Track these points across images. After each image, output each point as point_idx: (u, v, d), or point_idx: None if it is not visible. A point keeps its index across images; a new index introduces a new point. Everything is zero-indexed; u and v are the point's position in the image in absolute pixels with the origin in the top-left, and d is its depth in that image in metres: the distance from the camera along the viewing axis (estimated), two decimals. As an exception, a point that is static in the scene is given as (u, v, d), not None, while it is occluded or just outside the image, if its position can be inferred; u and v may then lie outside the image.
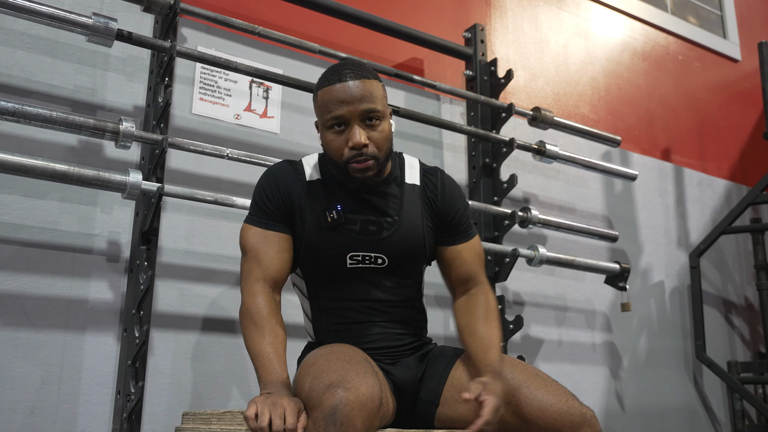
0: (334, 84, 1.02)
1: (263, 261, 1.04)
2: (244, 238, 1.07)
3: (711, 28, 2.94)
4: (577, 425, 0.95)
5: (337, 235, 1.06)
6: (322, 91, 1.04)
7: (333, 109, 1.01)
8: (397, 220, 1.09)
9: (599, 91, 2.43)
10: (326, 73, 1.06)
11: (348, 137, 1.01)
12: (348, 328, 1.08)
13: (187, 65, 1.58)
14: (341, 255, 1.06)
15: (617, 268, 2.00)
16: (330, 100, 1.02)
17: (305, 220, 1.06)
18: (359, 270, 1.07)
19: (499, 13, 2.24)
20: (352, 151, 1.01)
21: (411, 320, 1.13)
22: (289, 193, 1.07)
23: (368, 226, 1.07)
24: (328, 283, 1.09)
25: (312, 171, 1.10)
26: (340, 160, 1.03)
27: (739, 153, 2.83)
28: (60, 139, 1.39)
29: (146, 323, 1.30)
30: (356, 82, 1.02)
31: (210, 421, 1.04)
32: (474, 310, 1.11)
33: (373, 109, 1.02)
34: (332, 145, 1.03)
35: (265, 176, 1.10)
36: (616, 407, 2.12)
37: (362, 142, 1.00)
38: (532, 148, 1.93)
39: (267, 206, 1.07)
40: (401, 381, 1.07)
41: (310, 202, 1.07)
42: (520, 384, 0.99)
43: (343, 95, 1.01)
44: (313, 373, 0.90)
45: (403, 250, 1.09)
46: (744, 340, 2.59)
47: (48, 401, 1.28)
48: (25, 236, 1.33)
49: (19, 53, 1.39)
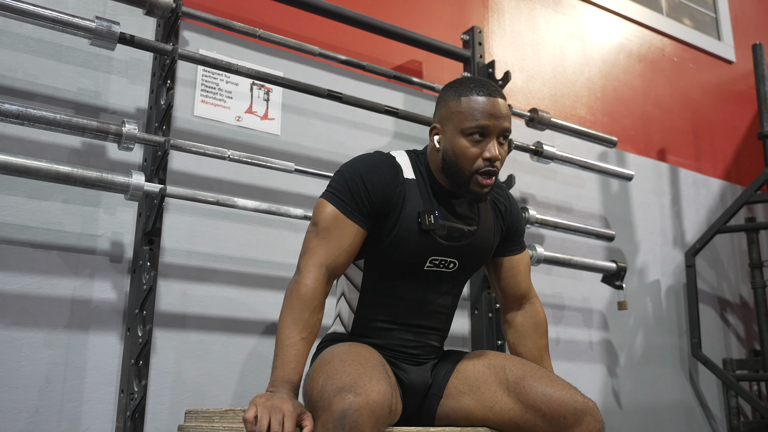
0: (483, 95, 1.05)
1: (333, 247, 1.01)
2: (321, 213, 1.04)
3: (706, 30, 2.96)
4: (581, 413, 0.96)
5: (426, 238, 1.06)
6: (468, 98, 1.05)
7: (480, 119, 1.03)
8: (476, 229, 1.12)
9: (596, 92, 2.45)
10: (468, 83, 1.07)
11: (485, 148, 1.04)
12: (393, 327, 1.09)
13: (188, 68, 1.59)
14: (424, 258, 1.07)
15: (614, 267, 2.02)
16: (478, 109, 1.04)
17: (399, 219, 1.05)
18: (431, 272, 1.09)
19: (497, 16, 2.26)
20: (485, 162, 1.04)
21: (444, 330, 1.16)
22: (388, 190, 1.05)
23: (454, 232, 1.09)
24: (393, 280, 1.08)
25: (407, 169, 1.10)
26: (469, 167, 1.04)
27: (734, 153, 2.85)
28: (63, 141, 1.40)
29: (149, 323, 1.31)
30: (502, 101, 1.06)
31: (212, 419, 1.04)
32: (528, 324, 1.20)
33: (509, 130, 1.07)
34: (467, 152, 1.04)
35: (365, 165, 1.07)
36: (613, 404, 2.14)
37: (499, 156, 1.04)
38: (530, 148, 1.94)
39: (360, 195, 1.04)
40: (415, 383, 1.09)
41: (407, 202, 1.06)
42: (525, 374, 1.01)
43: (492, 109, 1.04)
44: (327, 373, 0.91)
45: (474, 257, 1.12)
46: (739, 338, 2.61)
47: (52, 400, 1.29)
48: (29, 237, 1.34)
49: (23, 56, 1.39)
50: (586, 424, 0.96)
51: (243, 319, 1.54)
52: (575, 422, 0.96)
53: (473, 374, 1.06)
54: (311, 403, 0.91)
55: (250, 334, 1.54)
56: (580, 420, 0.96)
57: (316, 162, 1.72)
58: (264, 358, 1.54)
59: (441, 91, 1.13)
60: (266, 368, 1.39)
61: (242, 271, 1.56)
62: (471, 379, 1.06)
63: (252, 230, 1.59)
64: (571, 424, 0.96)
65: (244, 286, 1.56)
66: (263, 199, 1.60)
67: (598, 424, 0.97)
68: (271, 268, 1.60)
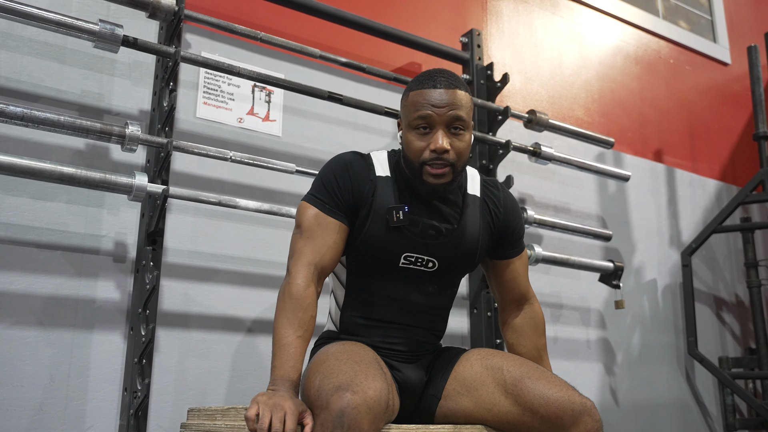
0: (427, 87, 1.04)
1: (319, 246, 1.02)
2: (303, 215, 1.05)
3: (701, 33, 2.98)
4: (578, 414, 0.96)
5: (398, 234, 1.06)
6: (414, 92, 1.05)
7: (421, 110, 1.03)
8: (456, 228, 1.10)
9: (593, 94, 2.47)
10: (420, 77, 1.07)
11: (431, 140, 1.03)
12: (376, 326, 1.09)
13: (191, 70, 1.60)
14: (397, 254, 1.07)
15: (611, 267, 2.03)
16: (420, 101, 1.03)
17: (369, 215, 1.06)
18: (408, 270, 1.08)
19: (495, 19, 2.28)
20: (432, 153, 1.03)
21: (436, 329, 1.15)
22: (359, 185, 1.06)
23: (429, 229, 1.08)
24: (372, 277, 1.09)
25: (381, 167, 1.10)
26: (417, 160, 1.04)
27: (729, 154, 2.87)
28: (67, 142, 1.41)
29: (152, 322, 1.32)
30: (449, 90, 1.04)
31: (214, 417, 1.05)
32: (526, 324, 1.19)
33: (460, 118, 1.04)
34: (413, 145, 1.04)
35: (338, 163, 1.09)
36: (610, 402, 2.16)
37: (444, 147, 1.02)
38: (528, 149, 1.95)
39: (335, 192, 1.05)
40: (410, 381, 1.09)
41: (378, 199, 1.07)
42: (522, 375, 1.01)
43: (434, 99, 1.03)
44: (323, 372, 0.91)
45: (455, 257, 1.11)
46: (735, 336, 2.62)
47: (57, 398, 1.30)
48: (34, 237, 1.35)
49: (28, 59, 1.41)
50: (584, 424, 0.96)
51: (245, 318, 1.56)
52: (573, 423, 0.96)
53: (471, 375, 1.06)
54: (309, 402, 0.92)
55: (252, 333, 1.56)
56: (578, 420, 0.96)
57: (317, 163, 1.74)
58: (265, 356, 1.55)
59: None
60: (268, 367, 1.39)
61: (244, 270, 1.58)
62: (469, 380, 1.05)
63: (253, 230, 1.61)
64: (569, 425, 0.96)
65: (246, 286, 1.57)
66: (264, 200, 1.62)
67: (596, 423, 0.97)
68: (273, 267, 1.61)
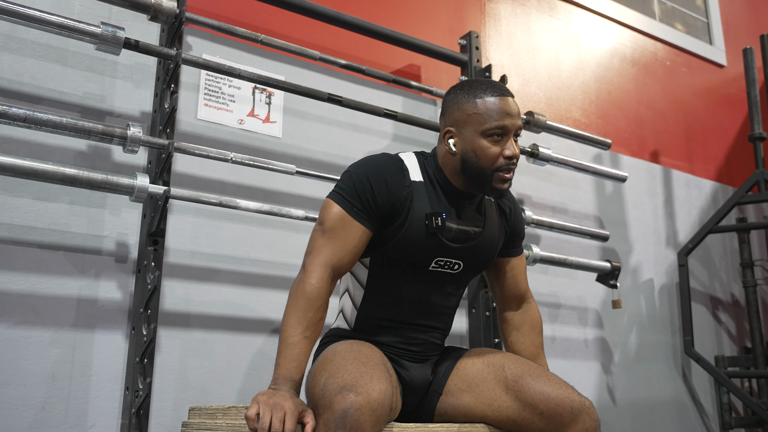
0: (498, 96, 1.07)
1: (339, 248, 1.02)
2: (328, 213, 1.05)
3: (697, 35, 3.00)
4: (577, 412, 0.98)
5: (432, 239, 1.07)
6: (484, 100, 1.07)
7: (499, 119, 1.06)
8: (482, 231, 1.13)
9: (590, 95, 2.48)
10: (479, 85, 1.09)
11: (504, 147, 1.06)
12: (394, 326, 1.10)
13: (192, 72, 1.61)
14: (430, 258, 1.08)
15: (608, 267, 2.05)
16: (496, 110, 1.06)
17: (407, 220, 1.06)
18: (436, 273, 1.10)
19: (494, 21, 2.29)
20: (506, 160, 1.06)
21: (446, 329, 1.17)
22: (395, 192, 1.06)
23: (460, 234, 1.10)
24: (397, 279, 1.09)
25: (414, 172, 1.10)
26: (491, 167, 1.06)
27: (725, 155, 2.88)
28: (70, 144, 1.42)
29: (154, 321, 1.32)
30: (514, 101, 1.09)
31: (215, 416, 1.05)
32: (525, 323, 1.22)
33: (522, 127, 1.10)
34: (488, 152, 1.06)
35: (373, 167, 1.07)
36: (607, 400, 2.17)
37: (518, 154, 1.07)
38: (526, 150, 1.96)
39: (366, 197, 1.04)
40: (416, 380, 1.10)
41: (414, 204, 1.07)
42: (523, 372, 1.03)
43: (509, 109, 1.06)
44: (329, 371, 0.92)
45: (479, 259, 1.13)
46: (731, 336, 2.64)
47: (59, 397, 1.30)
48: (36, 238, 1.35)
49: (30, 61, 1.41)
50: (582, 422, 0.97)
51: (245, 318, 1.57)
52: (572, 420, 0.97)
53: (472, 372, 1.07)
54: (313, 401, 0.92)
55: (252, 333, 1.56)
56: (577, 418, 0.97)
57: (317, 164, 1.75)
58: (266, 356, 1.56)
59: (448, 94, 1.13)
60: (268, 366, 1.41)
61: (244, 271, 1.59)
62: (470, 377, 1.07)
63: (254, 231, 1.61)
64: (567, 422, 0.97)
65: (247, 286, 1.58)
66: (265, 201, 1.63)
67: (594, 422, 0.99)
68: (273, 268, 1.62)
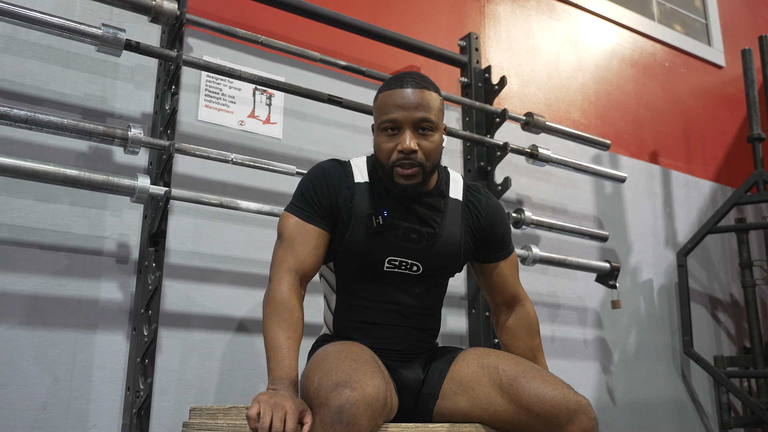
0: (394, 89, 1.05)
1: (299, 253, 1.04)
2: (284, 225, 1.08)
3: (696, 36, 3.01)
4: (573, 412, 0.97)
5: (379, 238, 1.07)
6: (383, 94, 1.07)
7: (389, 113, 1.04)
8: (437, 231, 1.11)
9: (589, 96, 2.49)
10: (389, 79, 1.09)
11: (399, 141, 1.04)
12: (369, 328, 1.10)
13: (192, 74, 1.62)
14: (380, 258, 1.08)
15: (607, 267, 2.05)
16: (388, 104, 1.05)
17: (350, 221, 1.08)
18: (394, 274, 1.10)
19: (493, 23, 2.30)
20: (400, 154, 1.04)
21: (428, 328, 1.16)
22: (336, 192, 1.08)
23: (410, 233, 1.09)
24: (360, 281, 1.10)
25: (360, 173, 1.11)
26: (387, 162, 1.06)
27: (724, 155, 2.89)
28: (71, 145, 1.42)
29: (154, 322, 1.33)
30: (416, 91, 1.05)
31: (216, 416, 1.06)
32: (519, 326, 1.20)
33: (427, 119, 1.05)
34: (382, 147, 1.06)
35: (316, 172, 1.11)
36: (607, 400, 2.17)
37: (411, 148, 1.03)
38: (525, 151, 1.97)
39: (313, 200, 1.07)
40: (407, 380, 1.10)
41: (357, 205, 1.08)
42: (518, 374, 1.02)
43: (401, 100, 1.04)
44: (322, 371, 0.92)
45: (438, 260, 1.12)
46: (730, 336, 2.64)
47: (60, 398, 1.31)
48: (37, 239, 1.36)
49: (32, 63, 1.42)
50: (579, 422, 0.96)
51: (246, 318, 1.57)
52: (568, 421, 0.97)
53: (467, 375, 1.07)
54: (308, 400, 0.92)
55: (252, 333, 1.57)
56: (573, 418, 0.96)
57: (317, 165, 1.76)
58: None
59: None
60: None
61: (245, 271, 1.59)
62: (465, 380, 1.06)
63: (254, 232, 1.62)
64: (564, 423, 0.97)
65: (247, 286, 1.58)
66: (265, 202, 1.63)
67: (591, 421, 0.98)
68: (273, 268, 1.63)
